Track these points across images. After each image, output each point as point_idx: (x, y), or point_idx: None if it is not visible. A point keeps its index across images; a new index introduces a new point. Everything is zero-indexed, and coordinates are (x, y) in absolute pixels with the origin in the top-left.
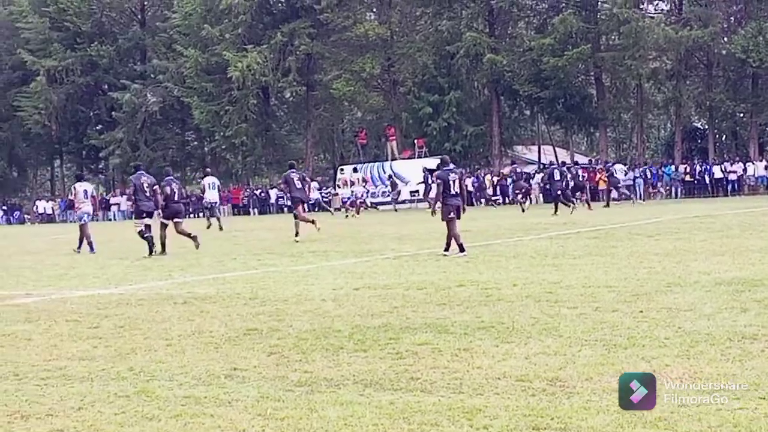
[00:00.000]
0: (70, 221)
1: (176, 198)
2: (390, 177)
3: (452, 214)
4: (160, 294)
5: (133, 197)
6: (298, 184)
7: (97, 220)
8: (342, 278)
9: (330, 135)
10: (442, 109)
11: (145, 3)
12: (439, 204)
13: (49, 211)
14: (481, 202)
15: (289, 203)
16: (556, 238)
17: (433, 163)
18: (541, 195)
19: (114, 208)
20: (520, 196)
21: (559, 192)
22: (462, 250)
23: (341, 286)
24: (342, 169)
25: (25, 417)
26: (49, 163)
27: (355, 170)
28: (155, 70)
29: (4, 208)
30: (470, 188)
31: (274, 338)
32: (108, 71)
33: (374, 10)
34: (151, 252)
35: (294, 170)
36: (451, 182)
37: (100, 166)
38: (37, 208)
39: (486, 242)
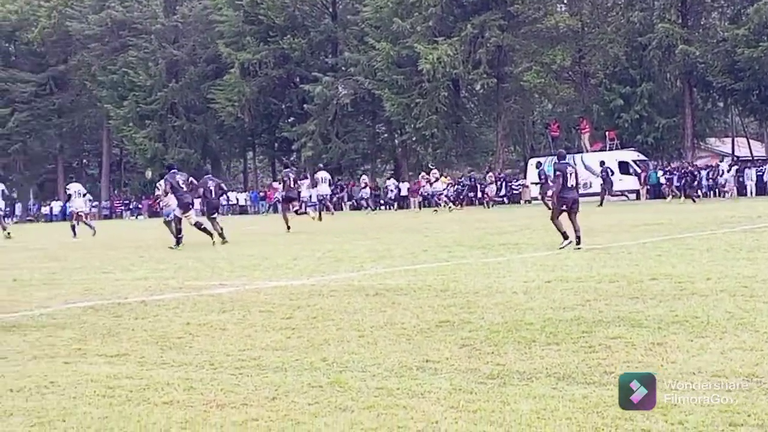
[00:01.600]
0: (262, 212)
1: (213, 195)
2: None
3: (564, 206)
4: (352, 285)
5: (173, 193)
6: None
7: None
8: (533, 271)
9: (520, 127)
10: (634, 101)
11: None
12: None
13: (242, 203)
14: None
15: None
16: (750, 232)
17: (625, 155)
18: (735, 188)
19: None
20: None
21: None
22: (565, 238)
23: (532, 278)
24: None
25: (221, 406)
26: (242, 155)
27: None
28: (346, 63)
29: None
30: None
31: (466, 330)
32: (300, 64)
33: (565, 1)
34: (178, 243)
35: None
36: (568, 175)
37: (292, 158)
38: (229, 199)
39: (679, 235)
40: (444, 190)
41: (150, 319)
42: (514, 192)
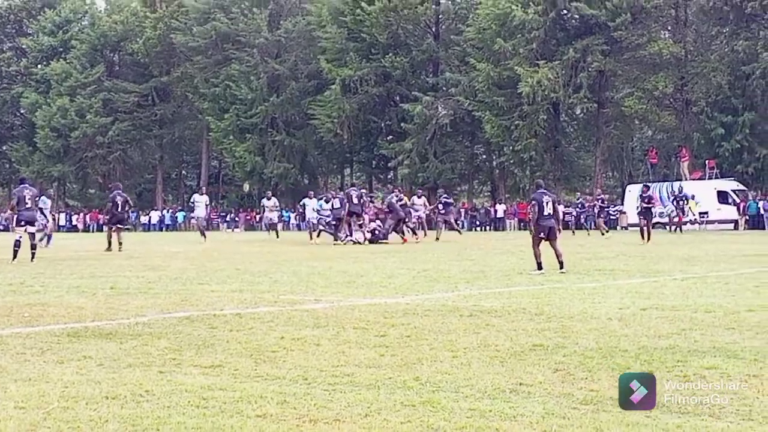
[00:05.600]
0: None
1: (119, 209)
2: (675, 197)
3: (542, 234)
4: (446, 305)
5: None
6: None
7: None
8: (628, 298)
9: (619, 153)
10: (735, 131)
11: (440, 16)
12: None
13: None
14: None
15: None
16: None
17: (724, 185)
18: None
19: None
20: None
21: None
22: (540, 268)
23: (627, 305)
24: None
25: (314, 421)
26: (340, 172)
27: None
28: (447, 83)
29: (294, 214)
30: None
31: (560, 355)
32: (400, 82)
33: (669, 28)
34: (14, 258)
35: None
36: (544, 204)
37: (389, 176)
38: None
39: None
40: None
41: (245, 331)
42: (611, 218)
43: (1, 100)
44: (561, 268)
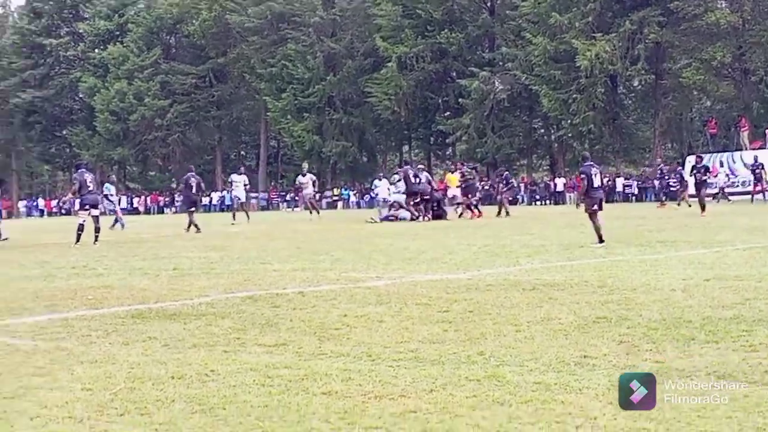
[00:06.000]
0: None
1: (193, 191)
2: (753, 167)
3: (596, 206)
4: (508, 280)
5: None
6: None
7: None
8: (691, 269)
9: (678, 124)
10: None
11: None
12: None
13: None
14: None
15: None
16: None
17: None
18: None
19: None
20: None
21: None
22: (601, 240)
23: (691, 276)
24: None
25: (379, 397)
26: (398, 149)
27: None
28: (504, 58)
29: (354, 192)
30: None
31: (624, 327)
32: (457, 58)
33: None
34: (77, 241)
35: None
36: (593, 176)
37: (447, 152)
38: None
39: None
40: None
41: (308, 309)
42: (671, 189)
43: (59, 85)
44: (600, 241)
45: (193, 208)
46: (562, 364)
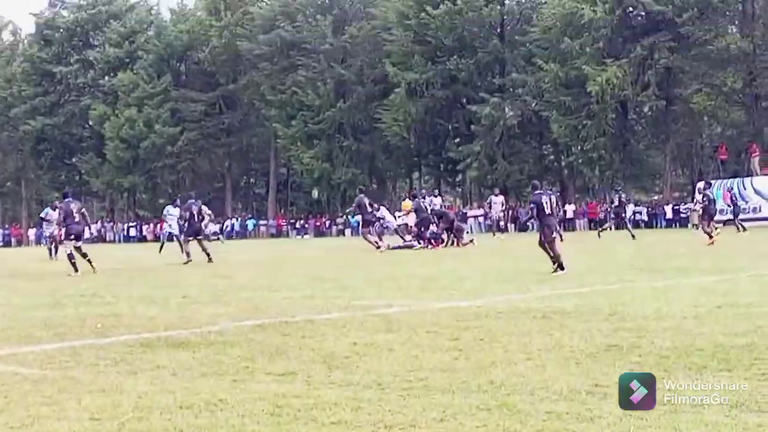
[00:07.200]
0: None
1: (195, 219)
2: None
3: (554, 234)
4: (519, 307)
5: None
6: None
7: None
8: (703, 295)
9: (689, 150)
10: None
11: (505, 17)
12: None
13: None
14: None
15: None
16: None
17: None
18: None
19: (471, 221)
20: None
21: None
22: (562, 268)
23: (702, 303)
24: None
25: (389, 427)
26: (408, 175)
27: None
28: (514, 84)
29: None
30: None
31: (635, 355)
32: (467, 84)
33: (736, 22)
34: (75, 270)
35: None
36: (544, 205)
37: (458, 179)
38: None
39: None
40: None
41: (317, 338)
42: (682, 216)
43: (69, 113)
44: (560, 269)
45: (198, 237)
46: (574, 393)
